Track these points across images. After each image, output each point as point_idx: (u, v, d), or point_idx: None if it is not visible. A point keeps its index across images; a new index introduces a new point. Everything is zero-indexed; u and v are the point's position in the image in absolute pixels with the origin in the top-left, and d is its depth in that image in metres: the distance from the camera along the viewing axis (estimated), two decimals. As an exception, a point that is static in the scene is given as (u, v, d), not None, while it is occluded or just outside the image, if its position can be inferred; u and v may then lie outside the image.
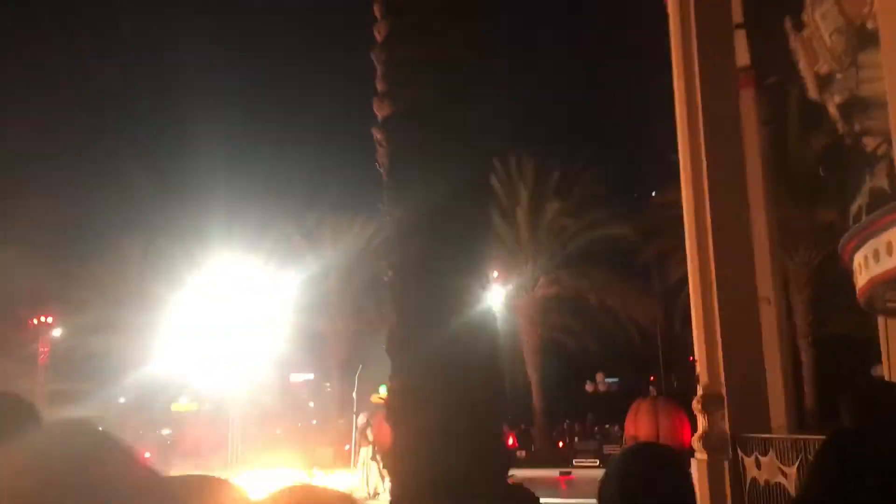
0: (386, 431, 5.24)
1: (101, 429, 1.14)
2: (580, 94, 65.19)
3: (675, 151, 13.06)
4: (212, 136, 43.20)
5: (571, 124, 63.55)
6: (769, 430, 11.08)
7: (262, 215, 33.68)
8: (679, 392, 26.13)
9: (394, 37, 5.64)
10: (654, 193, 32.76)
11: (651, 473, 1.72)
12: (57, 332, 34.06)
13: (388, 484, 6.61)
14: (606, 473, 1.77)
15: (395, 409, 4.97)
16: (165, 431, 39.09)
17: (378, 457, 20.02)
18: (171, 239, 35.01)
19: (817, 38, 11.56)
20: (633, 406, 29.02)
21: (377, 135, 5.44)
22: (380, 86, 5.54)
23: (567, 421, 34.16)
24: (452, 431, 4.60)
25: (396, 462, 4.88)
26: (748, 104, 13.67)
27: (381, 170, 5.39)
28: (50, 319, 33.03)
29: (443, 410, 4.65)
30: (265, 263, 31.10)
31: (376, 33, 5.76)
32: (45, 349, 32.54)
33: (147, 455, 32.84)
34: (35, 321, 32.74)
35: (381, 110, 5.50)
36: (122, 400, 38.21)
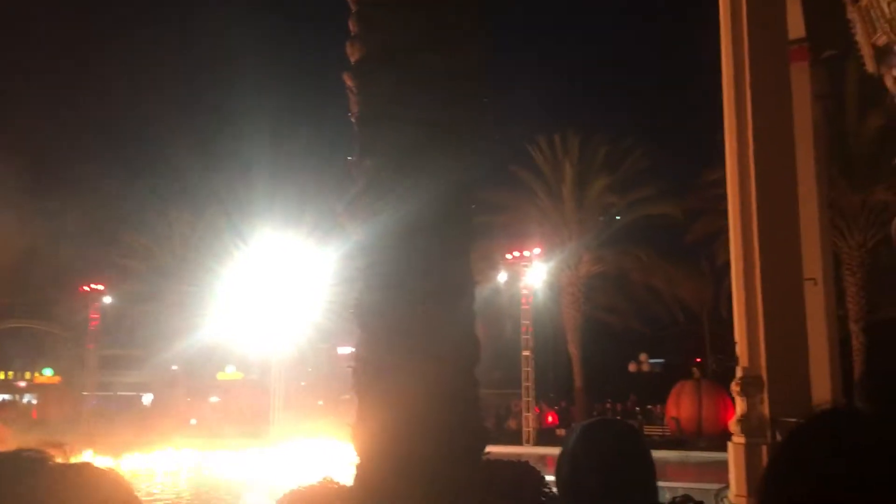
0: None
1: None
2: (628, 69, 64.03)
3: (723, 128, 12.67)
4: (257, 111, 43.52)
5: (619, 100, 62.48)
6: (811, 415, 10.75)
7: (305, 187, 33.86)
8: (723, 375, 25.66)
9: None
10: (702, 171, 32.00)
11: (600, 448, 1.63)
12: (107, 300, 34.94)
13: None
14: (562, 450, 1.68)
15: (361, 380, 4.65)
16: (213, 399, 39.93)
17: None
18: (217, 211, 35.53)
19: (875, 6, 11.03)
20: (676, 388, 28.80)
21: (349, 81, 5.01)
22: (352, 26, 5.09)
23: (609, 401, 33.90)
24: (422, 402, 4.30)
25: (361, 436, 4.58)
26: (801, 78, 13.18)
27: (352, 118, 4.96)
28: (101, 287, 33.87)
29: (411, 382, 4.33)
30: (308, 236, 31.33)
31: None
32: (96, 316, 33.38)
33: (194, 422, 33.64)
34: (86, 288, 33.61)
35: (352, 54, 5.06)
36: (174, 367, 39.15)
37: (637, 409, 32.13)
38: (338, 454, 22.30)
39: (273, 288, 30.21)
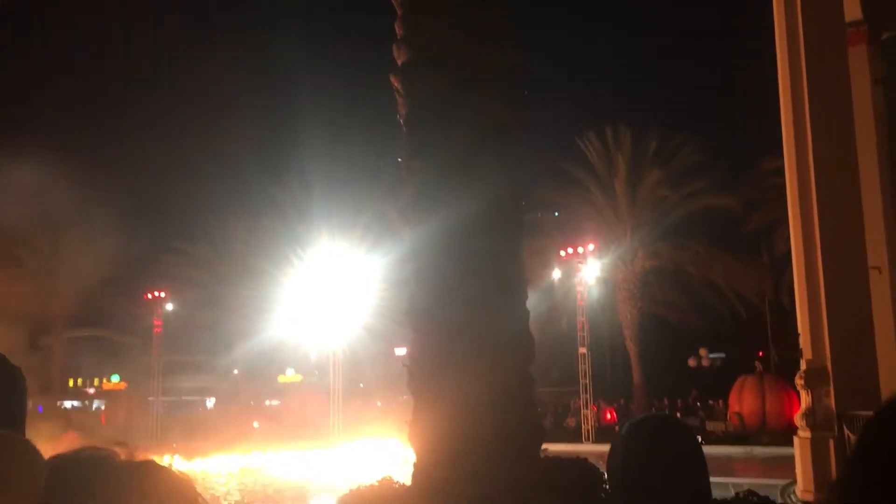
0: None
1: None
2: (679, 59, 62.96)
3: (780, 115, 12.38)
4: (312, 118, 44.19)
5: (671, 92, 61.49)
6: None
7: (359, 192, 34.22)
8: (786, 368, 25.07)
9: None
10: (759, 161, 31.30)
11: (648, 444, 1.64)
12: (170, 307, 35.81)
13: None
14: (612, 446, 1.70)
15: (416, 377, 4.65)
16: (273, 402, 40.57)
17: None
18: (274, 218, 36.11)
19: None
20: (738, 382, 28.20)
21: (396, 83, 5.04)
22: (398, 29, 5.12)
23: (668, 397, 33.38)
24: (477, 401, 4.27)
25: (418, 435, 4.58)
26: (859, 62, 12.78)
27: (401, 121, 4.97)
28: (163, 295, 34.72)
29: (465, 382, 4.30)
30: (362, 239, 31.65)
31: None
32: (159, 323, 34.24)
33: (256, 425, 34.26)
34: (150, 296, 34.50)
35: (399, 56, 5.10)
36: (235, 371, 39.93)
37: (698, 404, 31.56)
38: (397, 454, 22.48)
39: (329, 291, 30.61)
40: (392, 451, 23.74)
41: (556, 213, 32.89)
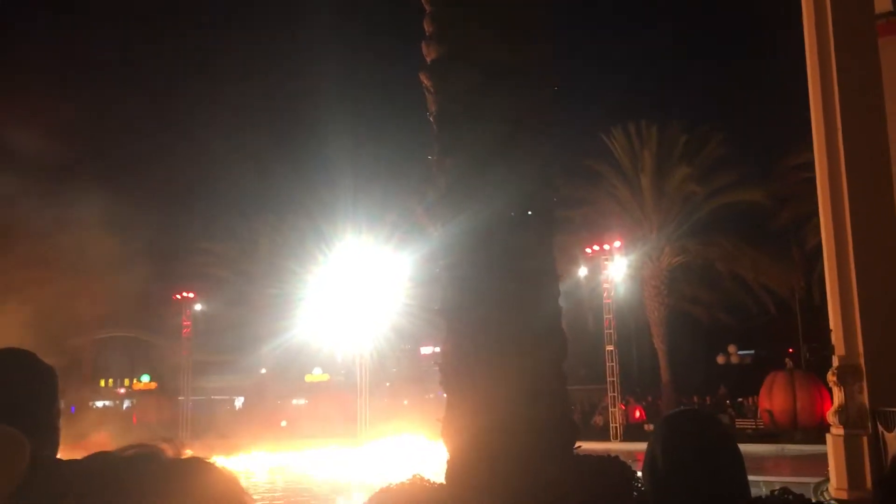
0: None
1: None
2: (705, 53, 62.29)
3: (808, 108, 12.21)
4: (338, 116, 44.32)
5: (696, 85, 60.90)
6: (915, 404, 10.28)
7: (385, 191, 34.31)
8: (817, 365, 24.75)
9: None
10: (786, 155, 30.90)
11: (684, 439, 1.64)
12: (198, 307, 36.17)
13: None
14: (649, 443, 1.69)
15: (449, 374, 4.66)
16: (301, 401, 40.84)
17: None
18: (300, 217, 36.32)
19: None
20: (768, 379, 27.90)
21: (425, 80, 5.06)
22: (427, 27, 5.14)
23: (697, 394, 33.12)
24: (511, 398, 4.27)
25: (451, 432, 4.59)
26: (891, 53, 12.56)
27: (430, 118, 4.99)
28: (191, 295, 35.08)
29: (498, 378, 4.30)
30: (388, 239, 31.74)
31: None
32: (188, 323, 34.61)
33: (284, 423, 34.51)
34: (178, 297, 34.87)
35: (428, 54, 5.12)
36: (262, 371, 40.25)
37: (727, 402, 31.28)
38: (425, 452, 22.52)
39: (355, 290, 30.73)
40: (420, 449, 23.79)
41: (582, 210, 32.70)
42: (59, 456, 1.74)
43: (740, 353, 36.95)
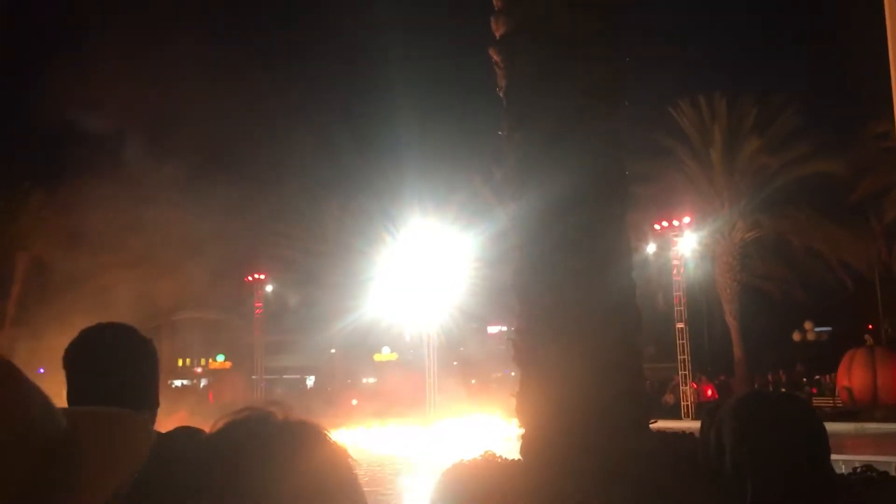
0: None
1: None
2: (777, 20, 60.14)
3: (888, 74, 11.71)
4: (406, 97, 44.53)
5: (768, 53, 58.86)
6: None
7: (453, 171, 34.37)
8: (900, 341, 23.94)
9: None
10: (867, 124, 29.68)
11: (770, 420, 1.61)
12: (269, 288, 36.97)
13: None
14: (717, 417, 1.66)
15: (522, 350, 4.65)
16: (371, 380, 41.47)
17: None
18: (368, 197, 36.69)
19: None
20: (847, 356, 27.07)
21: (495, 56, 5.03)
22: (496, 2, 5.10)
23: (771, 372, 32.37)
24: (585, 373, 4.24)
25: (525, 408, 4.59)
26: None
27: (500, 93, 4.95)
28: (263, 276, 35.86)
29: (572, 354, 4.28)
30: (455, 219, 31.81)
31: None
32: (260, 304, 35.42)
33: (355, 402, 35.12)
34: (250, 278, 35.70)
35: (497, 29, 5.08)
36: (332, 350, 40.98)
37: (804, 379, 30.49)
38: (494, 430, 22.63)
39: (422, 269, 30.95)
40: (488, 426, 23.91)
41: (648, 186, 32.13)
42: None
43: (817, 329, 35.90)
